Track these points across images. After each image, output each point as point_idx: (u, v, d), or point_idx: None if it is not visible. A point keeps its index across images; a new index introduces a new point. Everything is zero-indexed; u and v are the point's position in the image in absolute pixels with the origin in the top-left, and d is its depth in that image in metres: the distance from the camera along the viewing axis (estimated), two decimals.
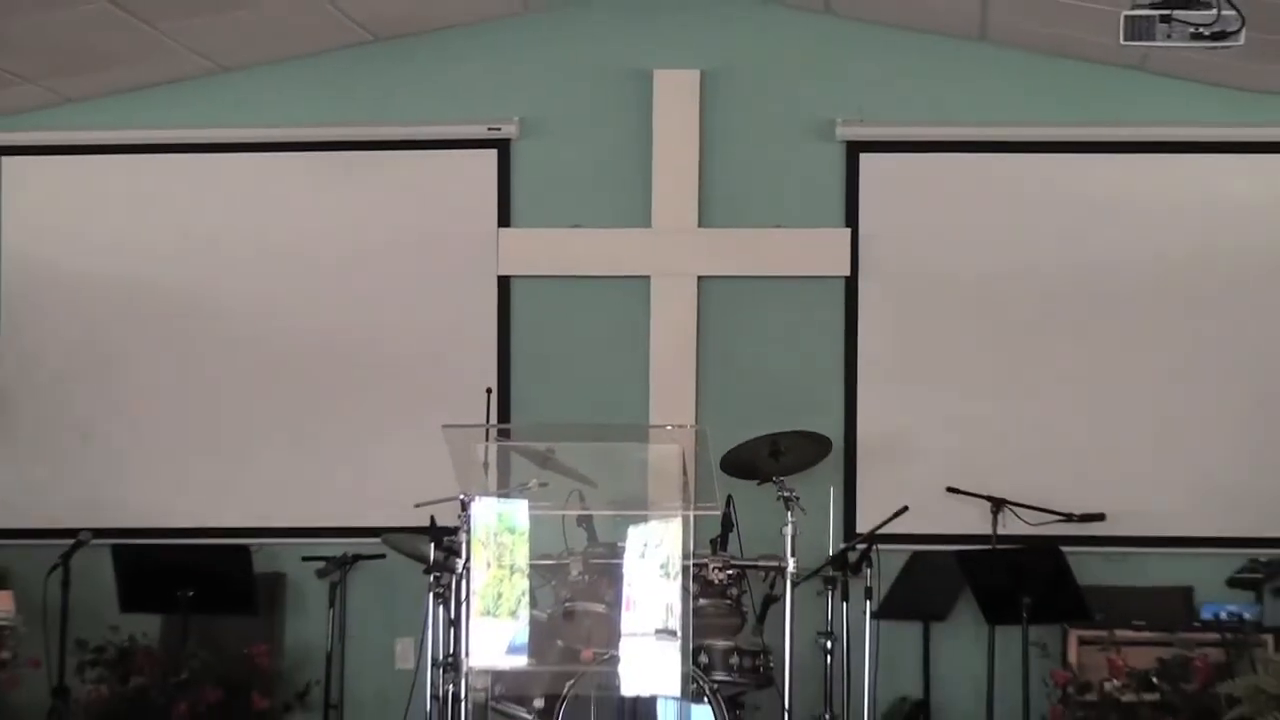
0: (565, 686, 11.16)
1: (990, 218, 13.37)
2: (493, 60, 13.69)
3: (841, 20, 13.42)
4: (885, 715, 12.72)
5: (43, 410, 13.79)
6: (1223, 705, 9.77)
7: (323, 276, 13.70)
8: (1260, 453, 12.93)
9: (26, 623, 12.56)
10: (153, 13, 12.40)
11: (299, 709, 13.06)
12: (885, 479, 13.09)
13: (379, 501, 12.82)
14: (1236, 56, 9.94)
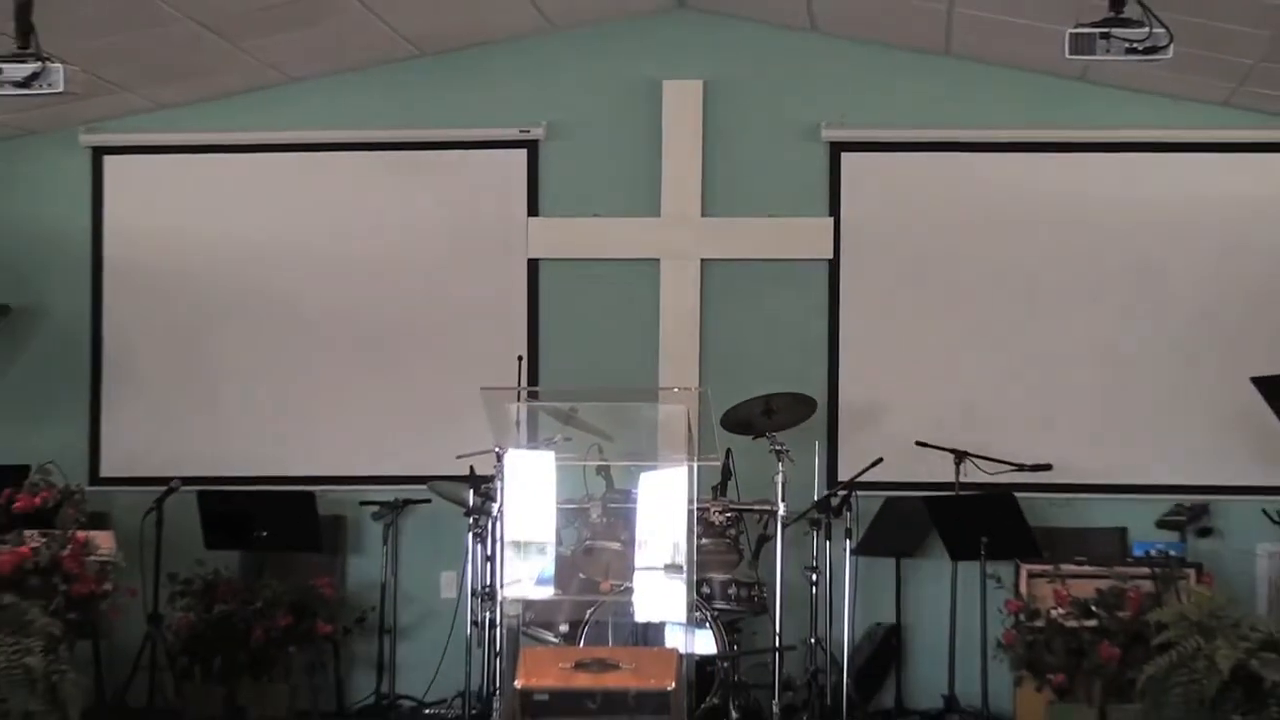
0: (586, 613, 11.30)
1: (954, 209, 13.36)
2: (523, 71, 13.68)
3: (826, 36, 13.41)
4: (863, 638, 12.79)
5: (140, 378, 13.84)
6: (1152, 630, 9.73)
7: (378, 259, 13.71)
8: (1185, 411, 12.95)
9: (126, 559, 12.49)
10: (234, 31, 12.45)
11: (358, 632, 13.08)
12: (863, 434, 13.13)
13: (426, 453, 12.82)
14: (1165, 68, 9.99)
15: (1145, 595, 11.18)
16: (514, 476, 11.14)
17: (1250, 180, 13.19)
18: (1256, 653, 9.24)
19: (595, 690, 9.81)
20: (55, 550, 11.62)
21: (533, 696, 9.79)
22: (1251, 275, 13.13)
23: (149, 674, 12.67)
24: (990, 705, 12.20)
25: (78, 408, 13.85)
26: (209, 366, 13.81)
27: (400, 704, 12.67)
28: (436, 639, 12.88)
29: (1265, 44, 11.60)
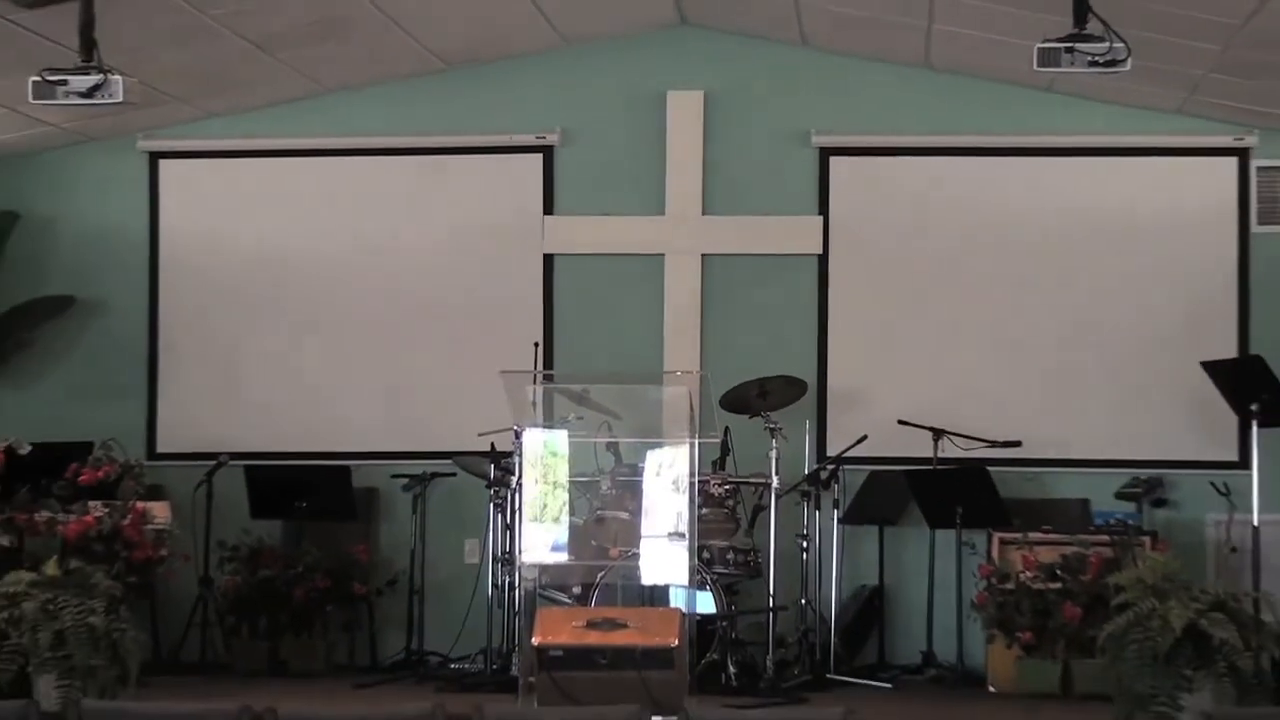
0: (597, 577, 11.38)
1: (934, 209, 13.36)
2: (540, 83, 13.69)
3: (816, 51, 13.41)
4: (849, 599, 12.80)
5: (192, 362, 13.87)
6: (1111, 592, 9.73)
7: (407, 254, 13.72)
8: (1141, 393, 12.94)
9: (179, 527, 12.61)
10: (276, 47, 12.49)
11: (389, 594, 13.10)
12: (849, 414, 13.11)
13: (450, 431, 12.80)
14: (1123, 79, 10.00)
15: (1105, 560, 11.20)
16: (531, 452, 11.23)
17: (1200, 181, 13.24)
18: (1206, 613, 9.29)
19: (605, 647, 9.87)
20: (116, 519, 11.71)
21: (548, 652, 9.85)
22: (1202, 269, 13.15)
23: (200, 631, 12.81)
24: (965, 660, 12.20)
25: (136, 390, 13.89)
26: (254, 352, 13.83)
27: (428, 659, 12.61)
28: (461, 600, 12.84)
29: (1213, 57, 11.65)
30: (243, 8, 11.74)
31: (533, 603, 10.96)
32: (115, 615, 10.14)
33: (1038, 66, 9.54)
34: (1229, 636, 9.23)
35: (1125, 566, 10.26)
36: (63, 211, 14.06)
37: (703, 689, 10.83)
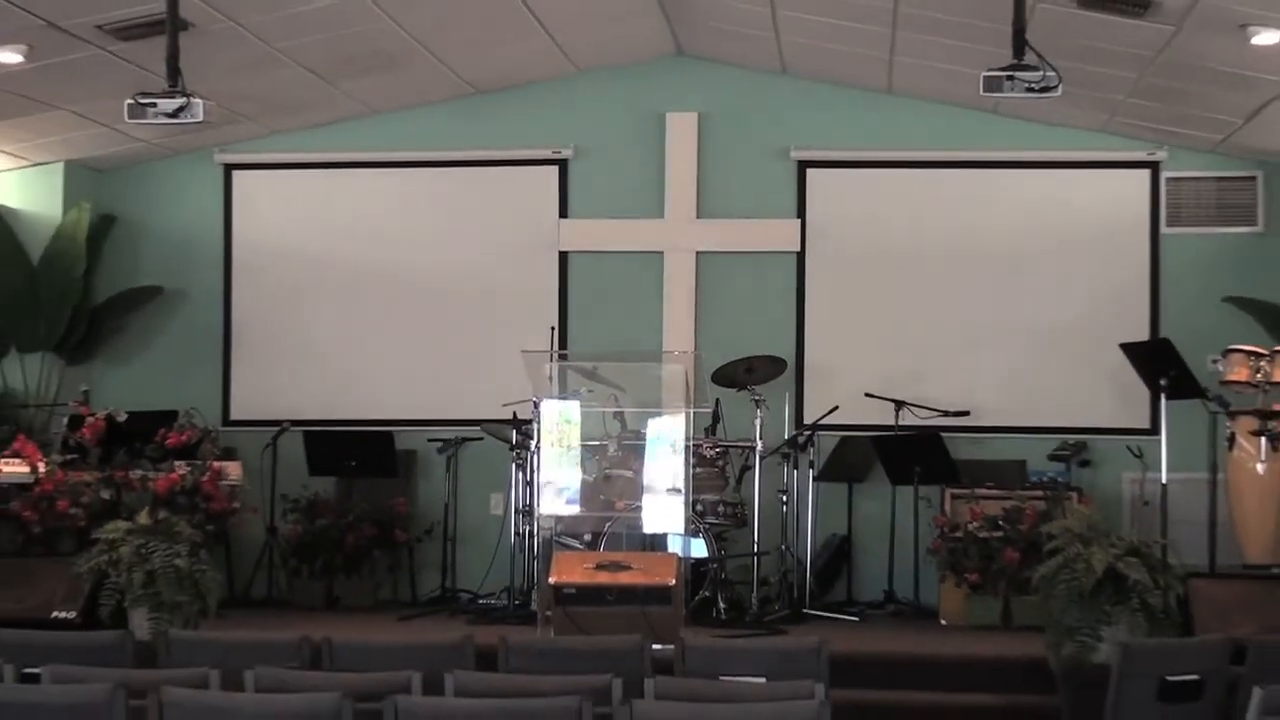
0: (605, 526, 11.39)
1: (895, 213, 13.37)
2: (556, 105, 13.71)
3: (794, 78, 13.42)
4: (822, 545, 12.76)
5: (260, 344, 13.90)
6: (1044, 539, 9.75)
7: (442, 251, 13.73)
8: (1070, 371, 12.97)
9: (249, 483, 12.72)
10: (331, 75, 12.57)
11: (426, 540, 13.09)
12: (823, 387, 13.09)
13: (479, 402, 12.71)
14: (1055, 102, 10.00)
15: (1039, 512, 11.19)
16: (548, 420, 11.27)
17: (1119, 189, 13.26)
18: (1122, 557, 9.31)
19: (612, 586, 9.91)
20: (197, 476, 11.74)
21: (563, 590, 9.89)
22: (1120, 264, 13.17)
23: (267, 572, 12.89)
24: (920, 598, 12.33)
25: (212, 366, 13.92)
26: (312, 335, 13.86)
27: (460, 596, 12.61)
28: (487, 546, 12.85)
29: (1130, 84, 11.70)
30: (304, 41, 11.78)
31: (549, 548, 11.02)
32: (196, 558, 10.19)
33: (983, 92, 9.51)
34: (1142, 577, 9.25)
35: (1055, 517, 10.24)
36: (151, 215, 14.10)
37: (696, 621, 10.87)
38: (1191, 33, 10.42)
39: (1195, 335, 12.22)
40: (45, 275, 13.31)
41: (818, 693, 5.77)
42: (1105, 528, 9.73)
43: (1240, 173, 13.11)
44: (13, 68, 11.18)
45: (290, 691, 5.72)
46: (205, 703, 5.55)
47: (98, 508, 11.37)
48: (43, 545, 11.46)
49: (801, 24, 12.20)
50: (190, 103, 10.09)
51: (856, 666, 9.38)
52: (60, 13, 10.44)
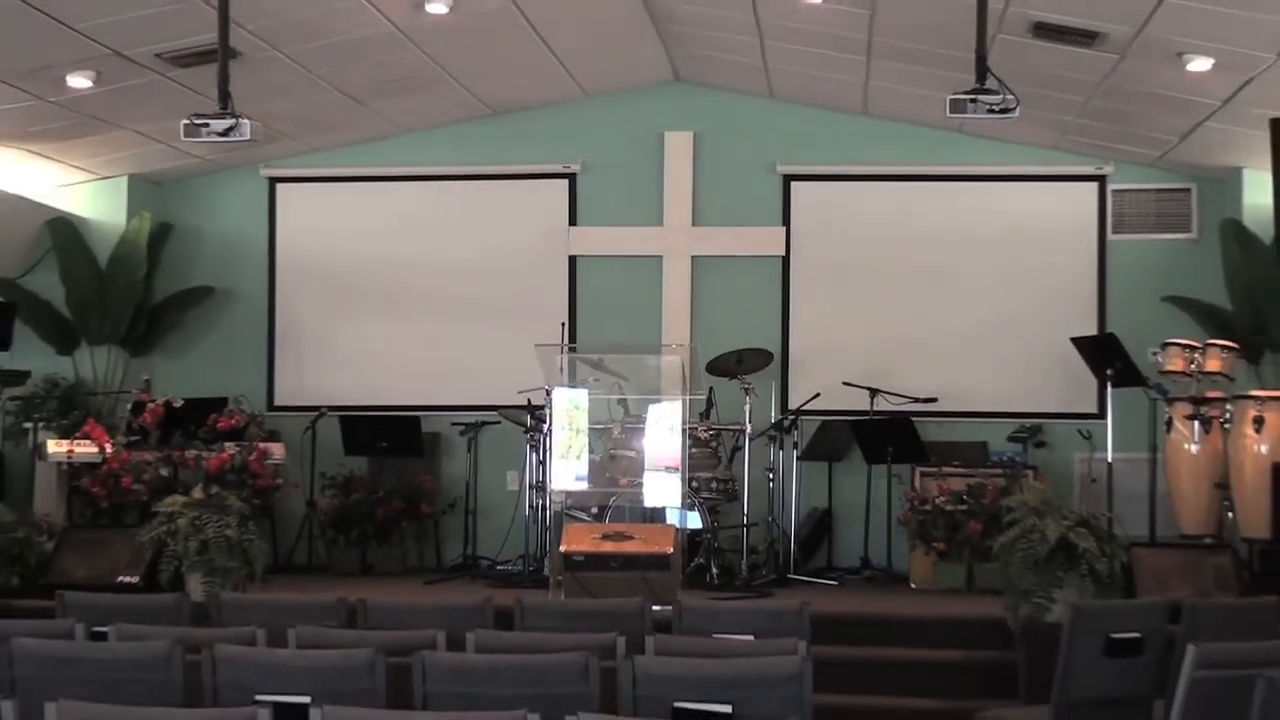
0: (610, 500, 11.41)
1: (869, 221, 13.37)
2: (566, 125, 13.72)
3: (780, 101, 13.42)
4: (805, 518, 12.76)
5: (301, 338, 13.90)
6: (1003, 511, 9.78)
7: (464, 255, 13.70)
8: (1026, 362, 12.98)
9: (291, 462, 12.72)
10: (363, 97, 12.60)
11: (450, 513, 13.12)
12: (805, 377, 13.10)
13: (496, 389, 12.64)
14: (1014, 123, 9.98)
15: (999, 488, 11.16)
16: (558, 405, 11.27)
17: (1070, 200, 13.26)
18: (1073, 528, 9.29)
19: (616, 554, 9.90)
20: (245, 456, 11.75)
21: (572, 557, 9.87)
22: (1071, 267, 13.19)
23: (307, 541, 12.94)
24: (893, 564, 12.32)
25: (258, 358, 13.93)
26: (347, 329, 13.86)
27: (480, 562, 12.63)
28: (505, 517, 12.86)
29: (1079, 106, 11.73)
30: (340, 68, 11.81)
31: (560, 520, 10.99)
32: (245, 529, 10.18)
33: (949, 113, 9.48)
34: (1090, 546, 9.24)
35: (1014, 493, 10.22)
36: (204, 223, 14.10)
37: (692, 585, 10.89)
38: (1133, 61, 10.45)
39: (1137, 331, 12.20)
40: (111, 277, 13.31)
41: (800, 649, 5.77)
42: (1058, 502, 9.71)
43: (1177, 185, 13.12)
44: (83, 91, 11.20)
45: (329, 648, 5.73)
46: (253, 658, 5.56)
47: (157, 484, 11.40)
48: (109, 518, 11.50)
49: (786, 53, 12.21)
50: (239, 123, 10.10)
51: (835, 625, 9.40)
52: (125, 42, 10.47)
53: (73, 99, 11.37)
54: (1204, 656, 5.48)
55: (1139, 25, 9.78)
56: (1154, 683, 6.70)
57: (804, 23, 11.30)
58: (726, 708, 5.02)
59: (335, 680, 5.29)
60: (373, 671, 5.32)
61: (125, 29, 10.26)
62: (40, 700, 4.54)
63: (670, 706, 5.09)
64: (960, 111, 9.48)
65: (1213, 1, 9.13)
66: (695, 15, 11.90)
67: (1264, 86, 10.15)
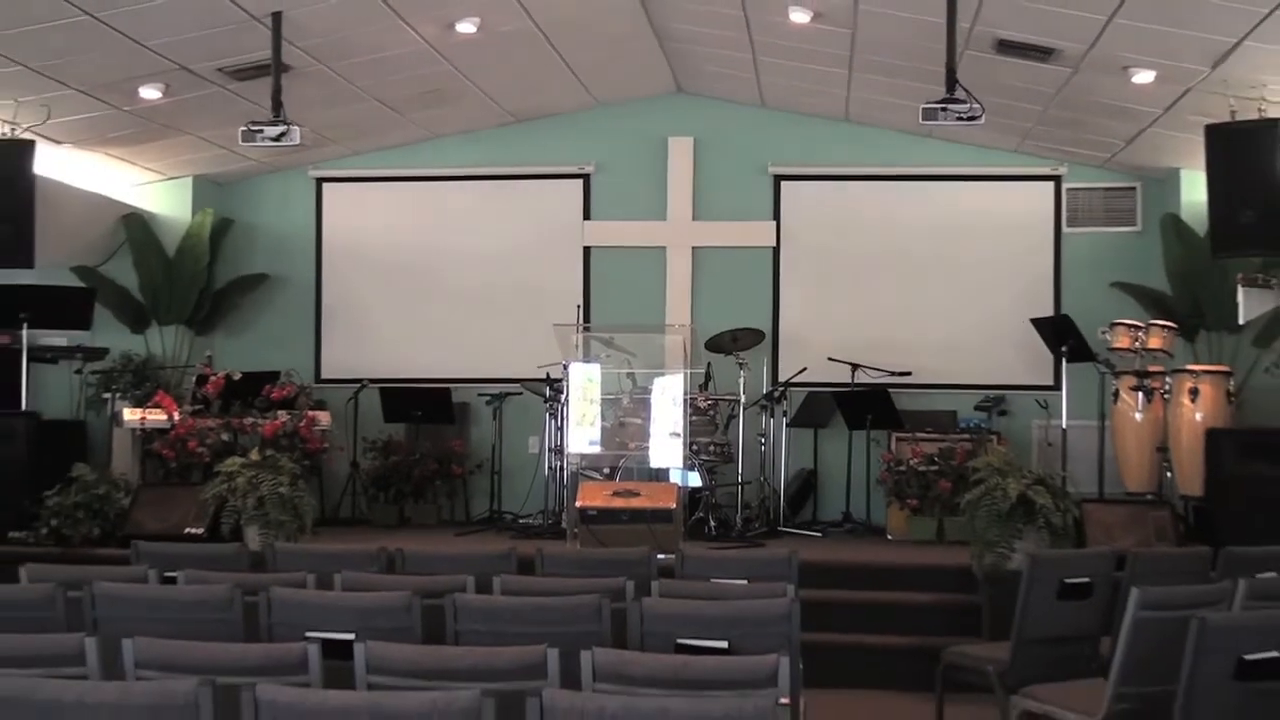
0: (620, 462, 11.44)
1: (850, 216, 13.32)
2: (581, 131, 13.69)
3: (771, 109, 13.37)
4: (793, 477, 12.80)
5: (346, 319, 13.89)
6: (970, 472, 9.78)
7: (491, 246, 13.68)
8: (991, 340, 12.95)
9: (337, 428, 12.73)
10: (400, 107, 12.56)
11: (477, 473, 13.09)
12: (794, 353, 13.06)
13: (519, 364, 12.67)
14: (980, 129, 9.95)
15: (966, 451, 11.21)
16: (574, 378, 11.27)
17: (1030, 197, 13.21)
18: (1031, 486, 9.30)
19: (625, 509, 9.90)
20: (295, 423, 11.75)
21: (587, 512, 9.88)
22: (1030, 256, 13.14)
23: (351, 498, 12.98)
24: (871, 519, 12.37)
25: (307, 337, 13.94)
26: (386, 312, 13.85)
27: (504, 516, 12.63)
28: (526, 477, 12.87)
29: (1037, 115, 11.70)
30: (379, 81, 11.79)
31: (576, 479, 10.98)
32: (296, 487, 10.21)
33: (922, 120, 9.48)
34: (1046, 502, 9.26)
35: (979, 455, 10.24)
36: (259, 218, 14.10)
37: (692, 536, 10.92)
38: (1085, 74, 10.43)
39: (1088, 312, 12.17)
40: (178, 266, 13.32)
41: (789, 592, 5.78)
42: (1018, 463, 9.77)
43: (1123, 184, 13.08)
44: (154, 102, 11.21)
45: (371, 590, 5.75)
46: (304, 599, 5.58)
47: (219, 447, 11.40)
48: (178, 477, 11.53)
49: (776, 67, 12.18)
50: (289, 129, 10.13)
51: (820, 572, 9.42)
52: (191, 58, 10.47)
53: (145, 108, 11.37)
54: (1145, 599, 5.48)
55: (1090, 42, 9.76)
56: (1102, 622, 6.71)
57: (792, 41, 11.29)
58: (723, 643, 5.03)
59: (376, 619, 5.30)
60: (410, 611, 5.33)
61: (191, 47, 10.26)
62: (118, 637, 4.56)
63: (674, 642, 5.10)
64: (932, 119, 9.47)
65: (1155, 21, 9.11)
66: (695, 34, 11.89)
67: (1200, 96, 10.13)
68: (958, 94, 9.43)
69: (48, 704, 3.62)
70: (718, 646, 5.01)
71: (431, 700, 3.59)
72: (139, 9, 9.40)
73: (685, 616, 5.23)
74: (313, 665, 4.39)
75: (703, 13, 11.23)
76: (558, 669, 4.35)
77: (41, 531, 10.52)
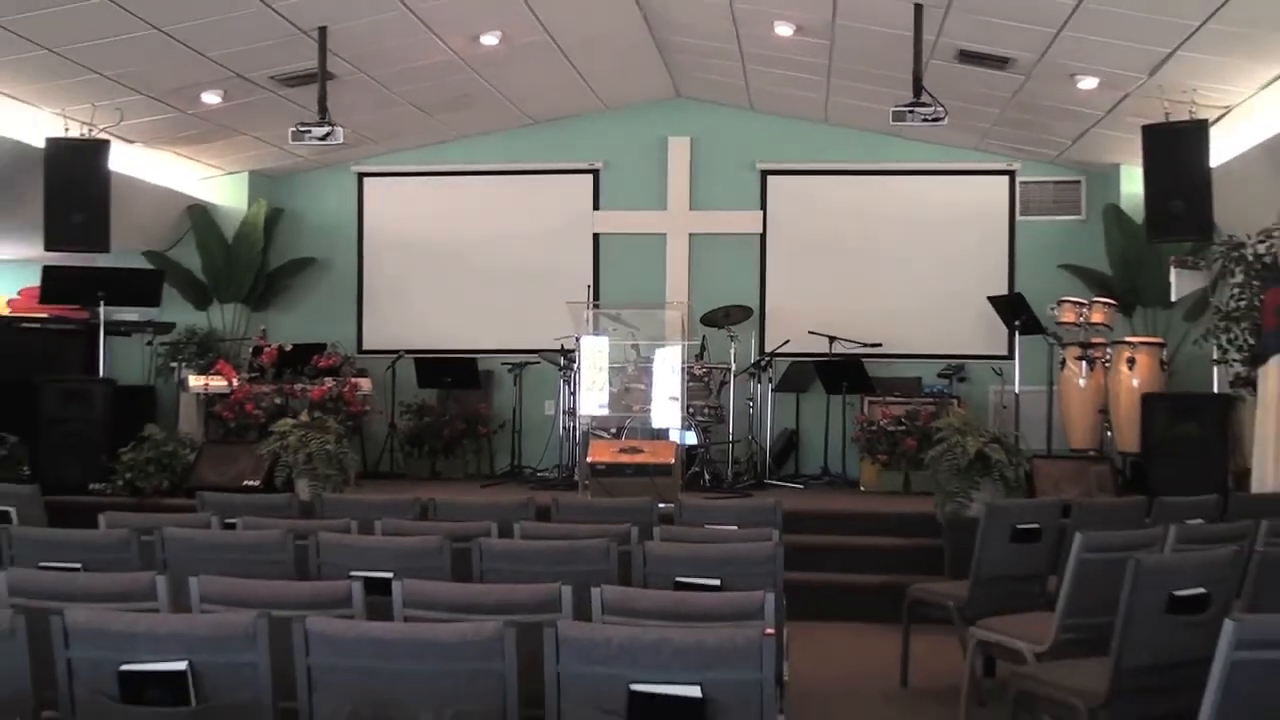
0: (625, 422, 11.42)
1: (829, 206, 13.26)
2: (591, 131, 13.62)
3: (758, 113, 13.31)
4: (777, 436, 12.79)
5: (386, 302, 13.86)
6: (933, 431, 9.79)
7: (511, 232, 13.65)
8: (953, 315, 12.90)
9: (376, 393, 12.77)
10: (431, 110, 12.50)
11: (500, 433, 13.11)
12: (779, 326, 13.04)
13: (537, 337, 12.68)
14: (944, 129, 9.94)
15: (930, 413, 11.23)
16: (585, 349, 11.28)
17: (988, 190, 13.14)
18: (988, 444, 9.31)
19: (630, 464, 9.93)
20: (340, 388, 11.77)
21: (596, 466, 9.92)
22: (989, 242, 13.09)
23: (389, 454, 12.96)
24: (846, 472, 12.39)
25: (350, 312, 13.90)
26: (419, 291, 13.81)
27: (524, 470, 12.66)
28: (543, 436, 12.92)
29: (994, 116, 11.65)
30: (414, 88, 11.77)
31: (587, 437, 11.04)
32: (340, 444, 10.24)
33: (892, 121, 9.47)
34: (1001, 458, 9.27)
35: (941, 417, 10.27)
36: (307, 208, 14.05)
37: (689, 488, 10.96)
38: (1037, 81, 10.39)
39: (1039, 291, 12.22)
40: (236, 251, 13.31)
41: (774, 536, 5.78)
42: (976, 424, 9.75)
43: (1070, 178, 13.03)
44: (215, 106, 11.19)
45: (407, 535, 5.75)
46: (348, 543, 5.58)
47: (272, 410, 11.45)
48: (236, 435, 11.55)
49: (763, 75, 12.14)
50: (334, 130, 10.11)
51: (801, 519, 9.46)
52: (246, 67, 10.44)
53: (206, 112, 11.34)
54: (1087, 542, 5.49)
55: (1041, 52, 9.73)
56: (1049, 563, 6.71)
57: (777, 51, 11.25)
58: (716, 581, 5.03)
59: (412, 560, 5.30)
60: (441, 553, 5.33)
61: (247, 57, 10.23)
62: (185, 576, 4.56)
63: (673, 580, 5.10)
64: (901, 120, 9.47)
65: (1098, 34, 9.08)
66: (692, 46, 11.84)
67: (1138, 100, 10.10)
68: (924, 98, 9.43)
69: (124, 633, 3.64)
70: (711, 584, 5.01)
71: (460, 631, 3.60)
72: (201, 24, 9.39)
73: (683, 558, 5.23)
74: (356, 600, 4.40)
75: (699, 27, 11.20)
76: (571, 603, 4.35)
77: (118, 484, 10.57)
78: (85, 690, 3.67)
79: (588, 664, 3.48)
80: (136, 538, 5.58)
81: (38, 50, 9.33)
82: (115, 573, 4.80)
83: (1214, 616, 4.59)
